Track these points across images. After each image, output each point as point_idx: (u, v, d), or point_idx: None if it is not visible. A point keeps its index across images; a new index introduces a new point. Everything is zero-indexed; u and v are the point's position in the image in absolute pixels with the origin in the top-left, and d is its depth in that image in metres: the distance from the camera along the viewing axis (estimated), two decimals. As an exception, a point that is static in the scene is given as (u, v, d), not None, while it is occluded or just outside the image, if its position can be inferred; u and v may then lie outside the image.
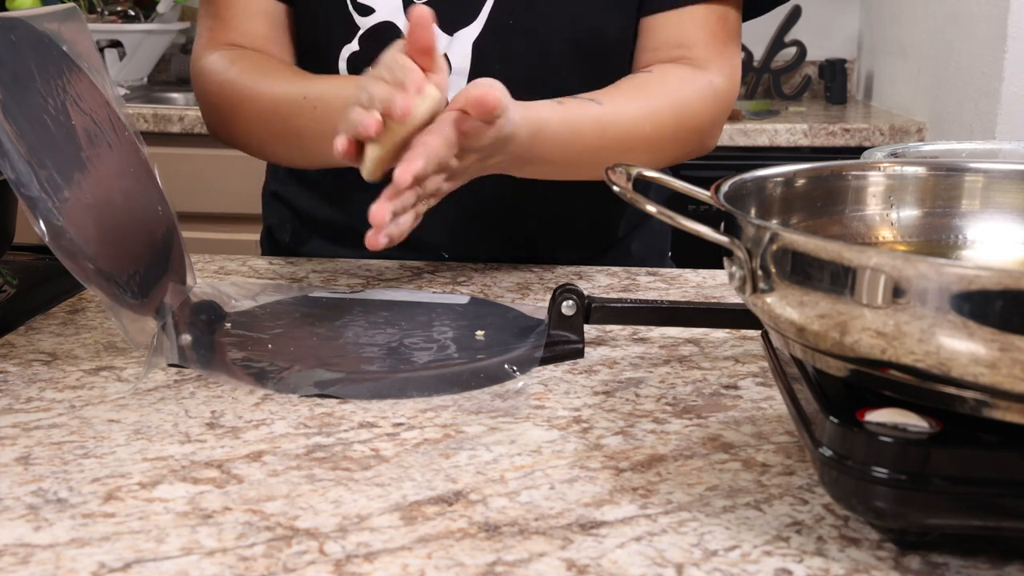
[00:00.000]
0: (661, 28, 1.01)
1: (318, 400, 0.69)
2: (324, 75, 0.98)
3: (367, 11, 1.00)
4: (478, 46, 0.99)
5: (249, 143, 1.01)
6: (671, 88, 0.98)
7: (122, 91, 2.61)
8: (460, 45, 0.99)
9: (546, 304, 0.80)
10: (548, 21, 0.99)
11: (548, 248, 1.08)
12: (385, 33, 1.00)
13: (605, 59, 1.03)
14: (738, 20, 1.03)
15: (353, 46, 1.02)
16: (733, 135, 2.26)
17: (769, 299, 0.54)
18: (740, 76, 1.03)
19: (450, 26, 0.99)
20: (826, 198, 0.67)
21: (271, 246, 1.18)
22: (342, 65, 1.02)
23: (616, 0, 1.01)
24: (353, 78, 0.91)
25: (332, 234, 1.11)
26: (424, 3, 0.99)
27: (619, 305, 0.79)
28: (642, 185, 0.77)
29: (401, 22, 0.99)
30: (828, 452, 0.50)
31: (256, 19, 1.04)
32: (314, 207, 1.13)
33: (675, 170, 1.09)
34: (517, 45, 1.00)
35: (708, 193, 0.62)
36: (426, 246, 1.05)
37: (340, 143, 0.77)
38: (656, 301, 0.81)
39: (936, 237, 0.68)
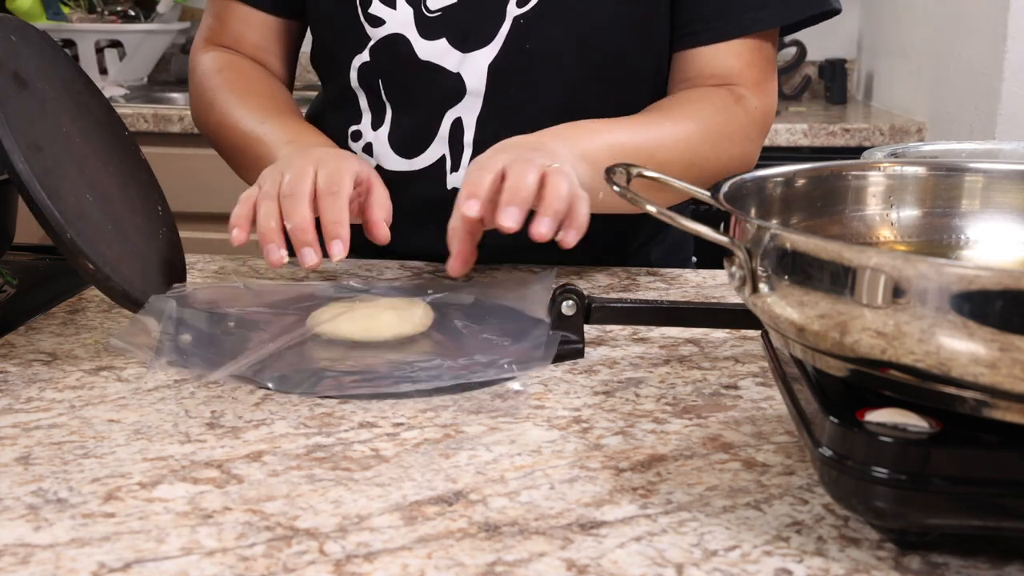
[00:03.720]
0: (698, 59, 1.02)
1: (318, 400, 0.69)
2: (287, 114, 1.01)
3: (378, 22, 1.00)
4: (494, 69, 0.99)
5: (222, 156, 1.08)
6: (694, 104, 0.98)
7: (122, 91, 2.61)
8: (475, 67, 0.99)
9: (546, 304, 0.80)
10: (567, 46, 0.99)
11: (567, 257, 1.08)
12: (395, 45, 1.00)
13: (626, 84, 1.03)
14: (774, 49, 1.04)
15: (364, 56, 1.02)
16: (733, 135, 2.26)
17: (769, 299, 0.54)
18: (775, 103, 1.05)
19: (463, 44, 0.99)
20: (826, 198, 0.67)
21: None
22: (353, 75, 1.03)
23: (640, 26, 1.01)
24: (309, 131, 0.96)
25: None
26: (436, 17, 0.99)
27: (619, 305, 0.79)
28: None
29: (411, 34, 0.99)
30: (828, 452, 0.50)
31: (252, 29, 1.09)
32: None
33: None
34: (535, 70, 0.99)
35: (708, 193, 0.62)
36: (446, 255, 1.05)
37: (238, 237, 0.80)
38: (656, 301, 0.81)
39: (936, 237, 0.68)
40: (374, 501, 0.55)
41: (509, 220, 0.75)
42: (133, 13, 2.79)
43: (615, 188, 0.64)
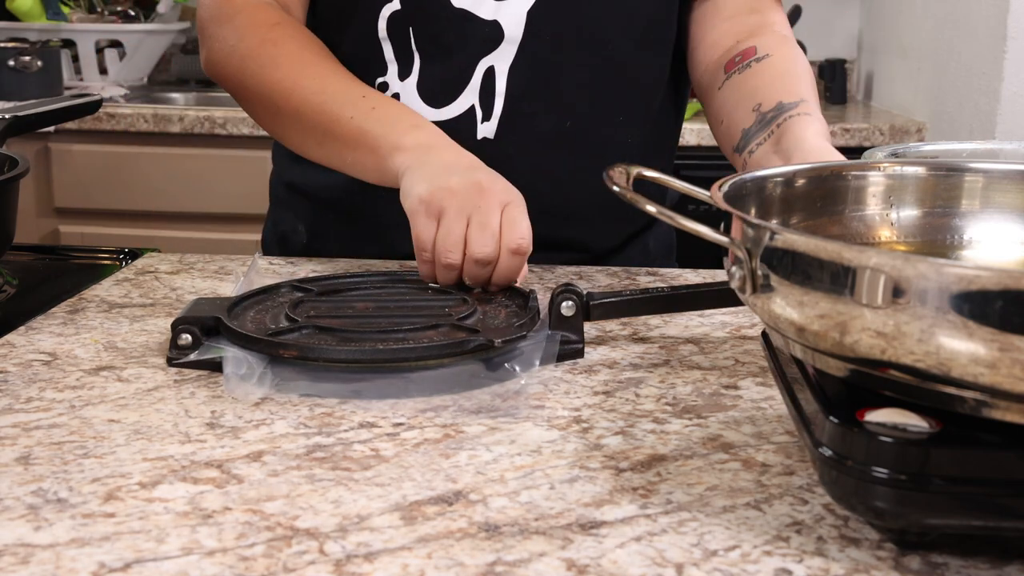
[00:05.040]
0: None
1: (318, 400, 0.69)
2: (377, 94, 0.98)
3: None
4: (532, 15, 1.00)
5: (267, 114, 1.01)
6: (801, 70, 1.00)
7: (122, 91, 2.61)
8: (514, 13, 0.99)
9: (545, 304, 0.80)
10: None
11: (583, 228, 1.08)
12: None
13: (655, 28, 1.04)
14: None
15: (394, 4, 1.01)
16: (733, 135, 2.26)
17: (769, 299, 0.54)
18: None
19: None
20: (826, 198, 0.67)
21: (281, 248, 1.16)
22: (381, 24, 1.01)
23: None
24: (418, 121, 0.95)
25: (354, 223, 1.09)
26: None
27: (617, 299, 0.79)
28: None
29: None
30: (828, 452, 0.50)
31: None
32: (332, 191, 1.09)
33: (675, 170, 1.09)
34: (571, 15, 1.01)
35: (708, 193, 0.62)
36: None
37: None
38: (654, 289, 0.81)
39: (936, 237, 0.68)
40: (374, 501, 0.55)
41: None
42: (133, 13, 2.79)
43: (615, 189, 0.64)
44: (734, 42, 1.04)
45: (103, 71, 2.69)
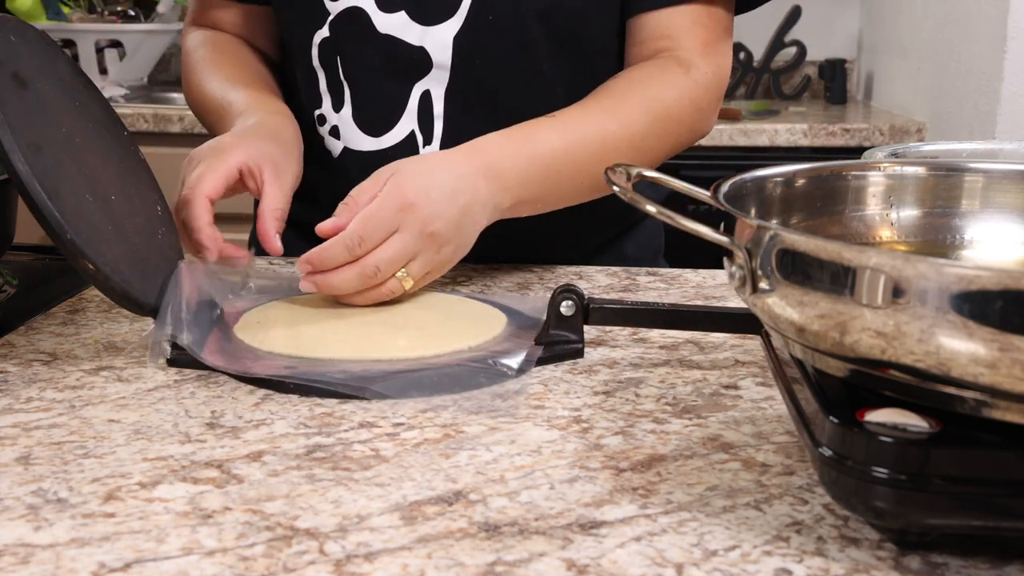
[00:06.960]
0: (647, 24, 1.01)
1: (318, 400, 0.69)
2: (252, 83, 1.05)
3: None
4: (459, 41, 0.99)
5: (202, 124, 1.11)
6: (640, 86, 0.97)
7: (122, 91, 2.61)
8: (440, 40, 0.99)
9: (546, 304, 0.80)
10: (529, 16, 0.99)
11: (544, 246, 1.08)
12: (354, 18, 1.00)
13: (587, 55, 1.03)
14: (728, 17, 1.02)
15: (324, 32, 1.02)
16: (733, 135, 2.26)
17: (769, 299, 0.54)
18: (728, 69, 1.03)
19: (426, 19, 0.99)
20: (826, 198, 0.67)
21: (260, 249, 1.18)
22: (314, 52, 1.03)
23: None
24: (267, 100, 1.00)
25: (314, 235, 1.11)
26: None
27: (618, 306, 0.79)
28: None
29: (370, 7, 0.99)
30: (828, 452, 0.50)
31: (227, 14, 1.13)
32: (297, 208, 1.12)
33: (675, 170, 1.09)
34: (499, 41, 0.99)
35: (708, 193, 0.62)
36: None
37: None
38: (655, 303, 0.81)
39: (936, 237, 0.68)
40: (374, 501, 0.55)
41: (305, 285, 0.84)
42: (133, 13, 2.79)
43: (615, 188, 0.64)
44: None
45: (103, 71, 2.69)
